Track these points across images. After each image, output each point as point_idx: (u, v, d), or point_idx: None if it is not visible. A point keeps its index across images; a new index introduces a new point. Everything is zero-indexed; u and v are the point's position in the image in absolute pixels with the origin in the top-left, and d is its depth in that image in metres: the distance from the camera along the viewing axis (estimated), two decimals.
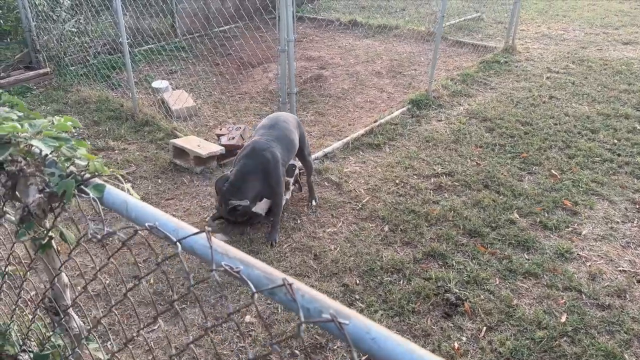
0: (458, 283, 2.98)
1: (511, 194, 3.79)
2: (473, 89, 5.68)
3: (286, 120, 3.54)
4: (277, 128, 3.45)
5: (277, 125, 3.47)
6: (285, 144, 3.40)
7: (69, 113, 5.32)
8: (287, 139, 3.43)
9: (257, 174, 3.29)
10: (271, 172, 3.28)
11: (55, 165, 1.16)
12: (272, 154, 3.29)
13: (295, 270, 3.13)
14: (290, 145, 3.45)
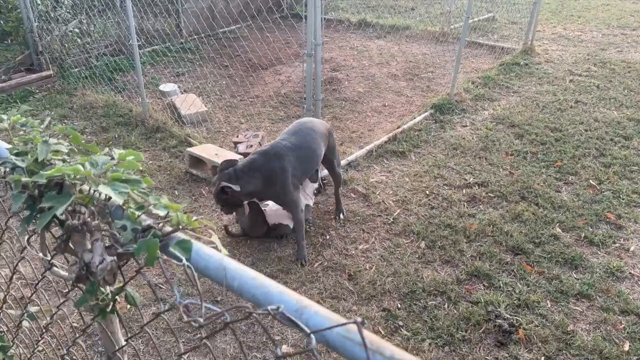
0: (508, 307, 2.77)
1: (551, 207, 3.59)
2: (496, 93, 5.47)
3: (314, 128, 3.31)
4: (300, 135, 3.22)
5: (301, 132, 3.24)
6: (303, 154, 3.16)
7: (75, 118, 5.07)
8: (309, 148, 3.19)
9: (261, 175, 3.06)
10: (276, 180, 3.06)
11: (123, 214, 0.93)
12: (281, 163, 3.07)
13: (330, 292, 2.91)
14: (311, 156, 3.21)
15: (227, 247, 3.29)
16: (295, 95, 5.58)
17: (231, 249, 3.27)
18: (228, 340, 2.61)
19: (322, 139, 3.31)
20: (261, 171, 3.04)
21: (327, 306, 2.80)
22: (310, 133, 3.25)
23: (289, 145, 3.14)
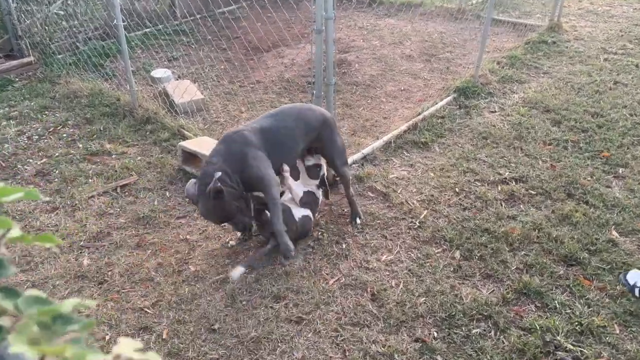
0: (569, 334, 2.26)
1: (603, 205, 3.07)
2: (524, 74, 4.92)
3: (298, 112, 2.82)
4: (276, 117, 2.77)
5: (279, 115, 2.79)
6: (273, 137, 2.69)
7: (57, 109, 4.55)
8: (282, 131, 2.72)
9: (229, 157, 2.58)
10: (247, 160, 2.59)
11: None
12: (241, 136, 2.59)
13: (350, 317, 2.41)
14: (284, 140, 2.73)
15: (225, 259, 2.79)
16: (301, 80, 5.04)
17: (232, 262, 2.77)
18: None
19: (305, 126, 2.79)
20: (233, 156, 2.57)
21: (348, 335, 2.31)
22: (290, 115, 2.79)
23: (256, 126, 2.67)
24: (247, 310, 2.45)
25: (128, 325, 2.40)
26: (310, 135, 2.80)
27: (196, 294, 2.57)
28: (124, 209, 3.23)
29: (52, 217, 3.17)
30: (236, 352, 2.25)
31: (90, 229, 3.04)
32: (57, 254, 2.86)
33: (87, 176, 3.56)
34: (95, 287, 2.64)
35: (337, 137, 2.94)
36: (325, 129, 2.86)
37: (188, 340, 2.32)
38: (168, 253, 2.85)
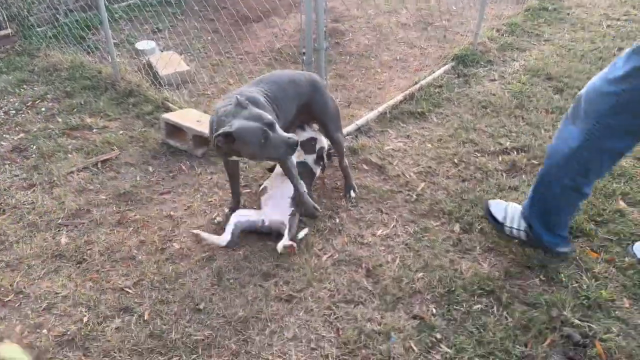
0: (576, 309, 2.13)
1: (608, 175, 2.92)
2: (525, 41, 4.72)
3: (291, 76, 2.68)
4: (267, 83, 2.58)
5: (270, 81, 2.60)
6: (272, 101, 2.51)
7: (35, 83, 4.34)
8: (277, 96, 2.55)
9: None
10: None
11: None
12: (254, 99, 2.37)
13: (343, 294, 2.26)
14: (282, 105, 2.56)
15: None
16: (292, 51, 4.82)
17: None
18: None
19: (296, 90, 2.64)
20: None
21: (342, 313, 2.17)
22: (282, 79, 2.63)
23: (259, 90, 2.50)
24: (234, 289, 2.31)
25: (107, 306, 2.25)
26: (302, 99, 2.63)
27: (180, 272, 2.42)
28: (105, 185, 3.06)
29: (28, 194, 3.00)
30: (223, 333, 2.10)
31: (68, 206, 2.87)
32: (33, 232, 2.70)
33: (66, 151, 3.37)
34: (74, 267, 2.48)
35: (330, 100, 2.77)
36: (316, 93, 2.68)
37: (171, 321, 2.17)
38: (151, 230, 2.69)
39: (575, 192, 2.22)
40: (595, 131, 2.06)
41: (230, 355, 2.01)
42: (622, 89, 1.95)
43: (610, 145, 2.08)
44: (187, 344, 2.06)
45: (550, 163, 2.25)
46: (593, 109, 2.06)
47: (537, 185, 2.33)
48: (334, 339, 2.06)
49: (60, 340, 2.11)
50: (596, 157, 2.12)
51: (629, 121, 2.00)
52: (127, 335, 2.11)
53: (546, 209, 2.31)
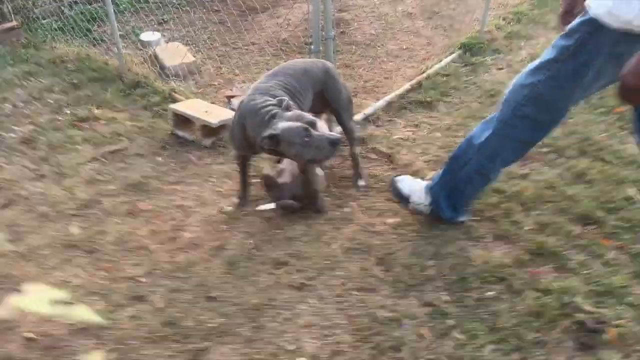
0: (589, 296, 2.13)
1: (619, 162, 2.91)
2: (532, 30, 4.70)
3: (306, 65, 2.68)
4: (281, 75, 2.58)
5: (282, 73, 2.60)
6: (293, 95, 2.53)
7: (42, 75, 4.34)
8: (296, 88, 2.56)
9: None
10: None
11: None
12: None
13: (355, 282, 2.27)
14: (300, 97, 2.57)
15: (222, 224, 2.65)
16: (298, 41, 4.81)
17: (230, 228, 2.62)
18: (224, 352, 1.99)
19: (312, 78, 2.64)
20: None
21: (354, 301, 2.18)
22: (297, 70, 2.62)
23: (279, 83, 2.51)
24: (246, 278, 2.32)
25: (120, 294, 2.27)
26: (316, 87, 2.64)
27: (192, 261, 2.43)
28: (115, 175, 3.07)
29: (38, 185, 3.02)
30: (236, 320, 2.12)
31: (79, 197, 2.88)
32: (44, 223, 2.71)
33: (75, 143, 3.38)
34: (86, 257, 2.50)
35: (343, 88, 2.77)
36: (330, 79, 2.69)
37: (185, 309, 2.19)
38: (162, 220, 2.70)
39: (481, 177, 2.34)
40: (508, 120, 2.12)
41: (243, 342, 2.03)
42: (538, 79, 1.99)
43: (519, 135, 2.14)
44: (201, 331, 2.07)
45: (465, 147, 2.34)
46: (511, 98, 2.12)
47: (449, 167, 2.42)
48: (346, 326, 2.07)
49: (74, 328, 2.13)
50: (506, 145, 2.20)
51: (537, 114, 2.05)
52: (141, 323, 2.13)
53: (453, 190, 2.41)
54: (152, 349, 2.02)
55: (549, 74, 1.97)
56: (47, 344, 2.06)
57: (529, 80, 2.04)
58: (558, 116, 2.12)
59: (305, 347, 1.99)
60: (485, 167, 2.30)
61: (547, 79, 1.98)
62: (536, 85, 2.01)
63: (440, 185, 2.47)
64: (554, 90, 2.00)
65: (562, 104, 2.07)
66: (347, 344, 2.00)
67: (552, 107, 2.06)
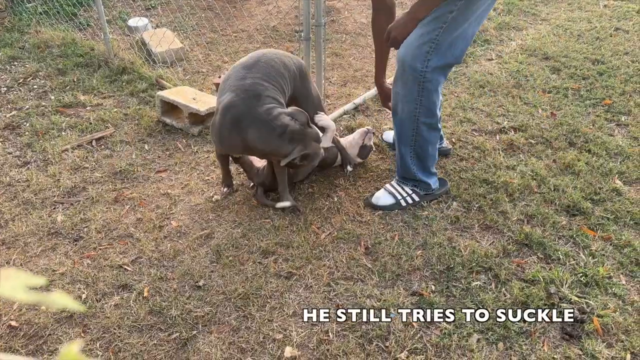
0: (574, 286, 2.15)
1: (606, 154, 2.93)
2: (521, 21, 4.70)
3: (284, 61, 2.54)
4: (258, 69, 2.44)
5: (258, 66, 2.45)
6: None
7: (26, 59, 4.26)
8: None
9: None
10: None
11: None
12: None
13: (343, 271, 2.27)
14: (285, 91, 2.54)
15: (209, 213, 2.62)
16: (287, 29, 4.77)
17: (217, 217, 2.60)
18: (213, 341, 1.98)
19: (289, 76, 2.56)
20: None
21: (341, 290, 2.17)
22: (273, 65, 2.48)
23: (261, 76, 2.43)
24: (234, 266, 2.31)
25: (106, 283, 2.24)
26: (291, 84, 2.56)
27: (179, 250, 2.41)
28: (100, 162, 3.03)
29: (22, 172, 2.96)
30: (223, 309, 2.11)
31: (64, 184, 2.84)
32: (28, 210, 2.67)
33: (60, 129, 3.33)
34: (70, 244, 2.46)
35: (312, 87, 2.72)
36: (303, 78, 2.64)
37: (171, 297, 2.17)
38: (148, 208, 2.67)
39: (435, 131, 2.52)
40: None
41: (230, 331, 2.02)
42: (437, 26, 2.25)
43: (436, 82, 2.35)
44: (187, 320, 2.06)
45: (404, 124, 2.49)
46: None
47: (408, 146, 2.53)
48: (334, 315, 2.07)
49: (59, 317, 2.10)
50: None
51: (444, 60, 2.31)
52: (127, 312, 2.11)
53: (422, 153, 2.54)
54: (137, 337, 2.00)
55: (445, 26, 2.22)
56: (31, 333, 2.03)
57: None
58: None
59: (293, 336, 1.99)
60: (433, 120, 2.47)
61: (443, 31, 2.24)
62: (436, 31, 2.24)
63: (412, 160, 2.57)
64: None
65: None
66: (334, 333, 2.00)
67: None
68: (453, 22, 2.21)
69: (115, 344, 1.98)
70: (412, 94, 2.35)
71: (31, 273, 2.03)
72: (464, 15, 2.21)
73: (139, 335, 2.02)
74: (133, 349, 1.96)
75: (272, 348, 1.95)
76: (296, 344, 1.96)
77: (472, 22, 2.27)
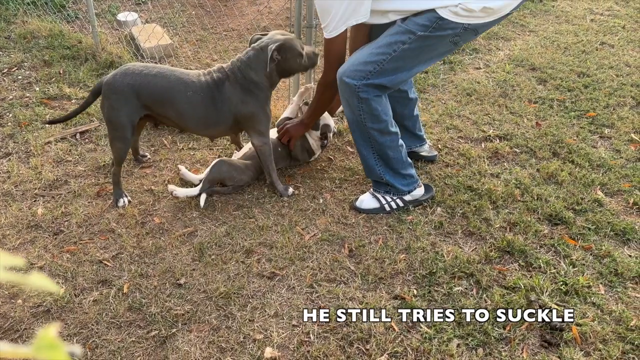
0: (554, 294, 2.17)
1: (588, 165, 2.97)
2: (510, 31, 4.75)
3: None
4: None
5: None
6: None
7: (12, 50, 4.20)
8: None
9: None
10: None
11: None
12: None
13: (326, 273, 2.27)
14: None
15: (192, 211, 2.60)
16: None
17: (200, 215, 2.58)
18: (193, 339, 1.96)
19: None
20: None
21: (324, 292, 2.17)
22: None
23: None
24: (216, 265, 2.29)
25: (85, 278, 2.21)
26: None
27: (161, 247, 2.38)
28: (84, 156, 2.99)
29: (4, 163, 2.91)
30: (203, 308, 2.09)
31: (46, 177, 2.80)
32: (8, 202, 2.62)
33: (44, 121, 3.27)
34: (50, 238, 2.43)
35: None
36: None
37: (151, 294, 2.14)
38: (131, 204, 2.64)
39: (387, 135, 2.50)
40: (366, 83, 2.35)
41: (210, 330, 2.00)
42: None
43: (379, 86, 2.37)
44: (167, 318, 2.04)
45: (354, 129, 2.53)
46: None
47: (367, 147, 2.54)
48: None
49: (35, 311, 2.07)
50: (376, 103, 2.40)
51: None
52: (105, 308, 2.08)
53: (383, 155, 2.55)
54: (115, 334, 1.98)
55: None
56: (6, 326, 1.99)
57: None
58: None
59: (273, 336, 1.97)
60: (381, 126, 2.46)
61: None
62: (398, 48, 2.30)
63: (380, 169, 2.58)
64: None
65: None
66: (315, 335, 1.99)
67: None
68: (403, 53, 2.28)
69: (93, 340, 1.95)
70: (353, 102, 2.40)
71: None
72: (416, 51, 2.28)
73: (117, 331, 1.99)
74: (111, 345, 1.93)
75: (252, 348, 1.94)
76: (276, 344, 1.95)
77: (421, 60, 2.36)
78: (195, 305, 2.10)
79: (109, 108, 2.44)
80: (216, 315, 2.06)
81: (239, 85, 2.50)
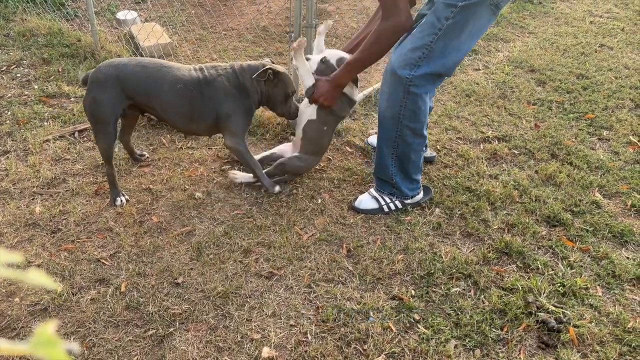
0: (552, 296, 2.17)
1: (587, 167, 2.97)
2: (509, 33, 4.76)
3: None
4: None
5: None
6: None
7: (10, 47, 4.19)
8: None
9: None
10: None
11: None
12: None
13: (324, 273, 2.27)
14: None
15: (190, 210, 2.60)
16: (278, 29, 4.76)
17: (198, 214, 2.58)
18: (190, 339, 1.96)
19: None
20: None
21: (322, 292, 2.17)
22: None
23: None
24: (214, 265, 2.29)
25: (83, 277, 2.21)
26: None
27: (159, 246, 2.38)
28: (82, 154, 2.98)
29: (2, 161, 2.91)
30: (201, 307, 2.08)
31: (44, 175, 2.79)
32: (6, 200, 2.62)
33: (42, 119, 3.27)
34: (48, 236, 2.42)
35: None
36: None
37: (149, 293, 2.14)
38: (129, 203, 2.64)
39: (418, 137, 2.48)
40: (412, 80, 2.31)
41: (208, 330, 2.00)
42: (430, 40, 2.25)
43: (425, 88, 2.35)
44: (165, 317, 2.04)
45: (387, 124, 2.48)
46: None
47: (390, 146, 2.51)
48: (313, 317, 2.07)
49: (33, 309, 2.06)
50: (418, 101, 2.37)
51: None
52: (103, 307, 2.08)
53: (404, 157, 2.52)
54: (113, 333, 1.97)
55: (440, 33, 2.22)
56: (4, 325, 1.99)
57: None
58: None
59: (271, 336, 1.97)
60: (417, 127, 2.44)
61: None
62: (429, 44, 2.24)
63: (393, 168, 2.55)
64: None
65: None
66: (313, 335, 1.99)
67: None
68: (448, 29, 2.20)
69: (90, 339, 1.95)
70: (397, 96, 2.35)
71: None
72: (460, 24, 2.19)
73: (115, 330, 1.99)
74: (108, 344, 1.93)
75: (250, 348, 1.93)
76: (274, 344, 1.95)
77: (467, 34, 2.25)
78: (193, 305, 2.09)
79: (91, 101, 2.43)
80: (214, 315, 2.06)
81: (229, 84, 2.51)
